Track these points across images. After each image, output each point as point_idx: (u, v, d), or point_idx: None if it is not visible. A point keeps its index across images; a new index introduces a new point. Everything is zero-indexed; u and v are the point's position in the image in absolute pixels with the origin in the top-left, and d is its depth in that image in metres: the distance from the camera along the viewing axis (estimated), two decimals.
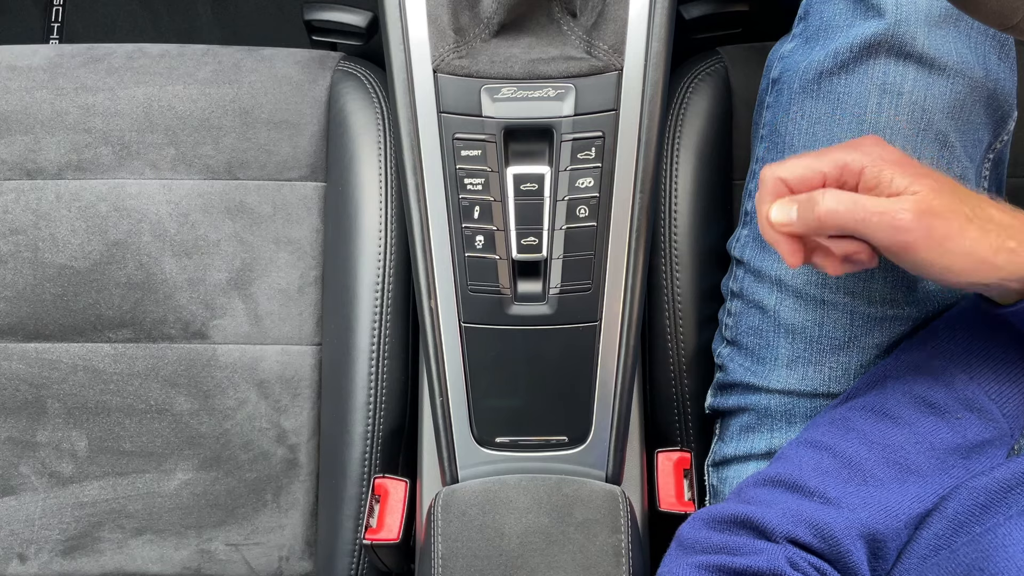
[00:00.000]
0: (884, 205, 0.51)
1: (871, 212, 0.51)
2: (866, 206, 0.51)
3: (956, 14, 0.63)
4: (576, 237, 0.64)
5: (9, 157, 0.83)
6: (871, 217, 0.51)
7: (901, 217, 0.50)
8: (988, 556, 0.49)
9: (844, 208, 0.51)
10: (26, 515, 0.83)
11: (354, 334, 0.78)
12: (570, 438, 0.69)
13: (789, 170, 0.55)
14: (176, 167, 0.84)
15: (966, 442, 0.58)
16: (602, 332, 0.66)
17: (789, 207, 0.54)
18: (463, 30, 0.63)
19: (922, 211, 0.50)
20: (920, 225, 0.50)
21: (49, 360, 0.83)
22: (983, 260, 0.51)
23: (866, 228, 0.51)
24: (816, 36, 0.68)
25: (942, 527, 0.54)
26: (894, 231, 0.50)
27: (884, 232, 0.51)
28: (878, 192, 0.52)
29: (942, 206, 0.51)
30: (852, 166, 0.53)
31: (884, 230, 0.51)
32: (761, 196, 0.56)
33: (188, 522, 0.82)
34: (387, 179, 0.80)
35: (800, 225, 0.54)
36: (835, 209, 0.52)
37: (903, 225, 0.50)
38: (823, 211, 0.52)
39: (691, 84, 0.82)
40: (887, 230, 0.51)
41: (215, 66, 0.86)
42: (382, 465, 0.78)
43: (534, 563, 0.63)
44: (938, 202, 0.51)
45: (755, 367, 0.70)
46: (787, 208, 0.54)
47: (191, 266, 0.83)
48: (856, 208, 0.51)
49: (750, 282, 0.71)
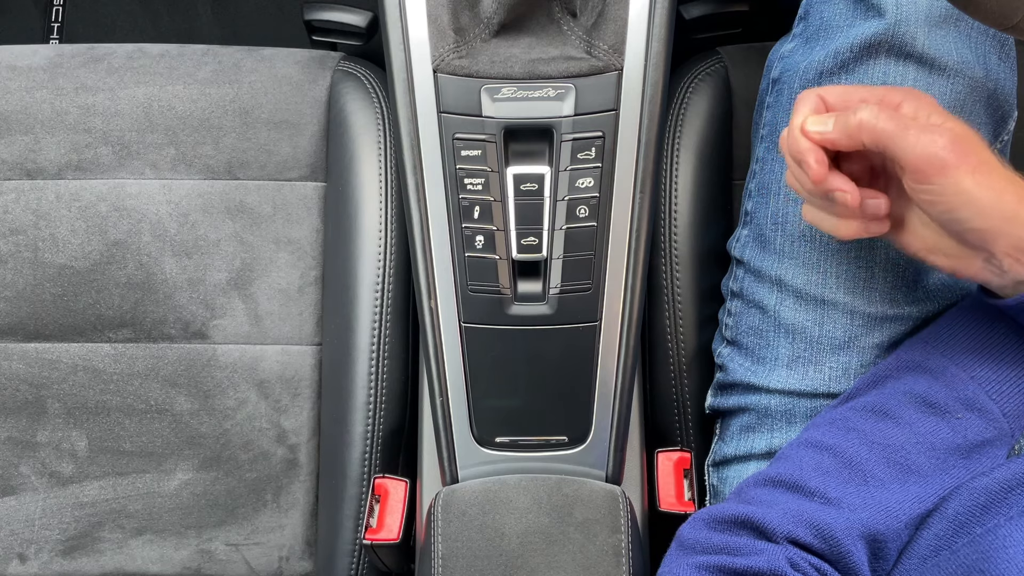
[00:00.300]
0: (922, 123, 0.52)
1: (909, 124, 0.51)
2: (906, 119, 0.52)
3: (956, 14, 0.63)
4: (576, 237, 0.64)
5: (9, 157, 0.83)
6: (909, 128, 0.51)
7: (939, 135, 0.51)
8: (988, 557, 0.49)
9: (885, 115, 0.52)
10: (26, 515, 0.83)
11: (354, 334, 0.78)
12: (570, 438, 0.69)
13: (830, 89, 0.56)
14: (176, 167, 0.84)
15: (966, 442, 0.58)
16: (602, 332, 0.66)
17: (826, 118, 0.55)
18: (463, 30, 0.63)
19: (959, 137, 0.51)
20: (955, 147, 0.50)
21: (49, 360, 0.83)
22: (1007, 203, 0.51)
23: (903, 140, 0.51)
24: (816, 36, 0.68)
25: (942, 528, 0.54)
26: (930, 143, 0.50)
27: (919, 146, 0.51)
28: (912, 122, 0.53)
29: (977, 143, 0.51)
30: (891, 97, 0.54)
31: (920, 144, 0.51)
32: (797, 110, 0.56)
33: (188, 522, 0.82)
34: (387, 179, 0.80)
35: (836, 131, 0.54)
36: (876, 115, 0.52)
37: (940, 141, 0.50)
38: (865, 115, 0.52)
39: (691, 84, 0.82)
40: (923, 143, 0.51)
41: (215, 66, 0.86)
42: (382, 465, 0.78)
43: (534, 563, 0.63)
44: (974, 139, 0.51)
45: (755, 367, 0.70)
46: (823, 118, 0.55)
47: (191, 266, 0.83)
48: (896, 119, 0.52)
49: (750, 282, 0.71)
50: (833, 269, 0.66)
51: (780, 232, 0.69)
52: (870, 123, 0.52)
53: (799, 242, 0.68)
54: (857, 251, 0.66)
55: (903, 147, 0.51)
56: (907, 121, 0.52)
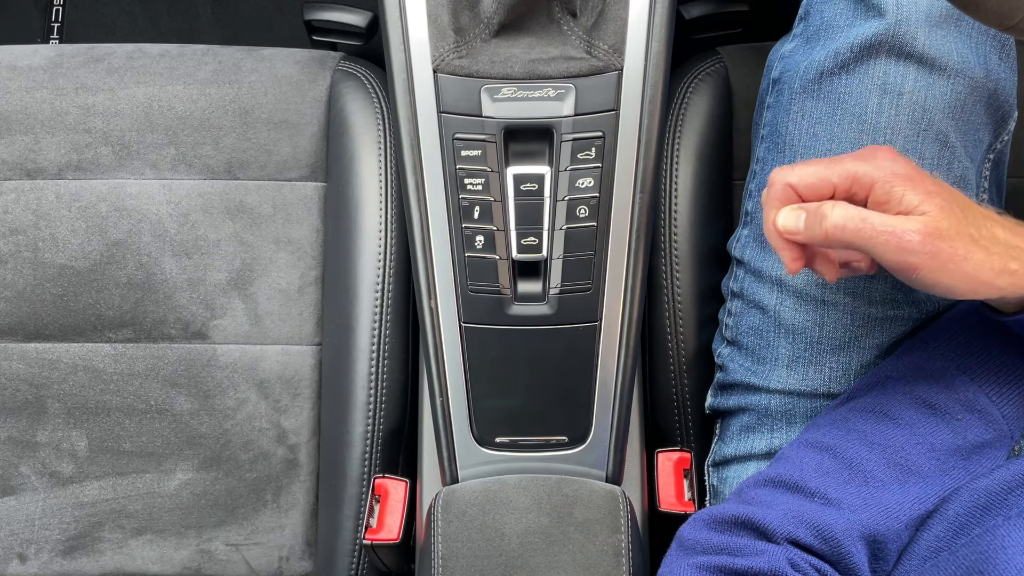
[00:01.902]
0: (892, 224, 0.51)
1: (879, 231, 0.51)
2: (874, 224, 0.51)
3: (957, 14, 0.63)
4: (576, 237, 0.64)
5: (9, 157, 0.83)
6: (878, 236, 0.51)
7: (909, 239, 0.50)
8: (987, 558, 0.49)
9: (852, 225, 0.51)
10: (26, 515, 0.82)
11: (354, 334, 0.78)
12: (570, 438, 0.69)
13: (799, 176, 0.54)
14: (176, 167, 0.84)
15: (966, 443, 0.58)
16: (602, 332, 0.66)
17: (797, 215, 0.54)
18: (463, 30, 0.63)
19: (929, 233, 0.50)
20: (926, 248, 0.50)
21: (49, 360, 0.83)
22: (985, 282, 0.51)
23: (873, 247, 0.51)
24: (817, 36, 0.68)
25: (942, 529, 0.54)
26: (900, 252, 0.50)
27: (891, 252, 0.51)
28: (888, 208, 0.52)
29: (950, 228, 0.50)
30: (863, 179, 0.52)
31: (891, 251, 0.51)
32: (768, 199, 0.56)
33: (188, 522, 0.82)
34: (387, 179, 0.80)
35: (806, 235, 0.53)
36: (843, 225, 0.51)
37: (910, 247, 0.50)
38: (831, 226, 0.52)
39: (691, 84, 0.81)
40: (894, 251, 0.51)
41: (215, 66, 0.86)
42: (382, 465, 0.78)
43: (534, 563, 0.63)
44: (946, 224, 0.50)
45: (755, 367, 0.70)
46: (795, 216, 0.54)
47: (191, 266, 0.83)
48: (864, 227, 0.51)
49: (750, 282, 0.71)
50: None
51: None
52: (838, 233, 0.52)
53: None
54: None
55: (874, 253, 0.51)
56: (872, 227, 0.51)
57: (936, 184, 0.53)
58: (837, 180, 0.53)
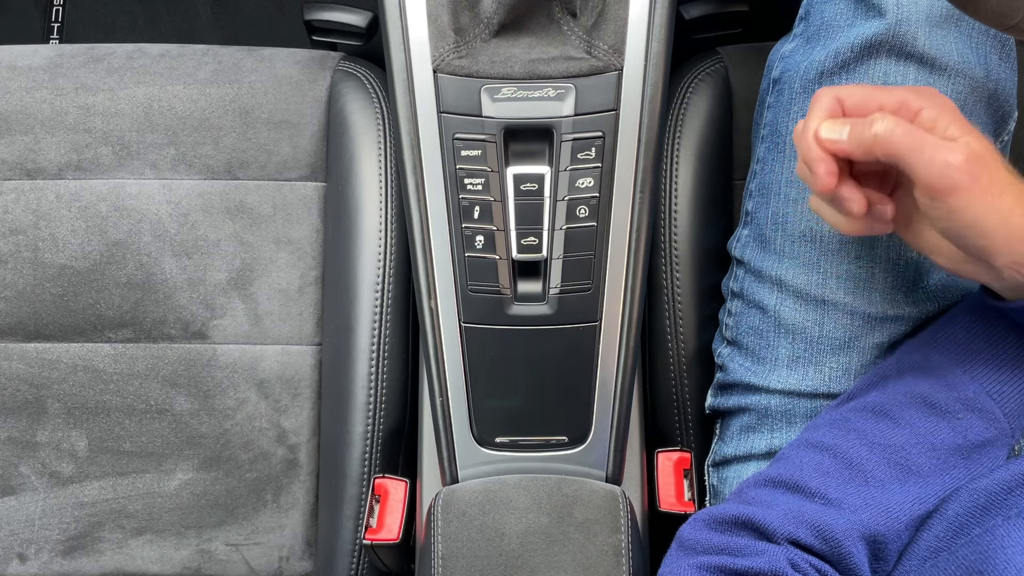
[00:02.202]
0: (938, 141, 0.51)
1: (926, 141, 0.51)
2: (923, 136, 0.51)
3: (957, 14, 0.63)
4: (576, 237, 0.64)
5: (9, 157, 0.83)
6: (925, 147, 0.51)
7: (954, 156, 0.50)
8: (987, 557, 0.49)
9: (901, 131, 0.51)
10: (26, 515, 0.82)
11: (354, 334, 0.78)
12: (570, 438, 0.69)
13: (849, 91, 0.54)
14: (176, 167, 0.84)
15: (967, 442, 0.58)
16: (602, 332, 0.66)
17: (842, 125, 0.54)
18: (463, 30, 0.63)
19: (973, 157, 0.50)
20: (969, 169, 0.50)
21: (49, 360, 0.83)
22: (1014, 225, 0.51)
23: (918, 157, 0.51)
24: (817, 36, 0.68)
25: (942, 529, 0.54)
26: (944, 165, 0.50)
27: (934, 165, 0.51)
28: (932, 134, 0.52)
29: (992, 161, 0.51)
30: (912, 104, 0.53)
31: (935, 163, 0.50)
32: (812, 111, 0.55)
33: (188, 522, 0.82)
34: (387, 179, 0.80)
35: (851, 143, 0.53)
36: (891, 130, 0.51)
37: (955, 162, 0.50)
38: (881, 129, 0.51)
39: (691, 84, 0.81)
40: (938, 163, 0.50)
41: (215, 66, 0.86)
42: (382, 465, 0.78)
43: (534, 563, 0.63)
44: (989, 156, 0.51)
45: (755, 367, 0.70)
46: (839, 126, 0.54)
47: (191, 266, 0.83)
48: (913, 136, 0.51)
49: (750, 282, 0.71)
50: (833, 269, 0.66)
51: (780, 232, 0.69)
52: (885, 138, 0.51)
53: (799, 242, 0.68)
54: (857, 251, 0.66)
55: (917, 164, 0.51)
56: (923, 137, 0.51)
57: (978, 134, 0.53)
58: (885, 100, 0.53)
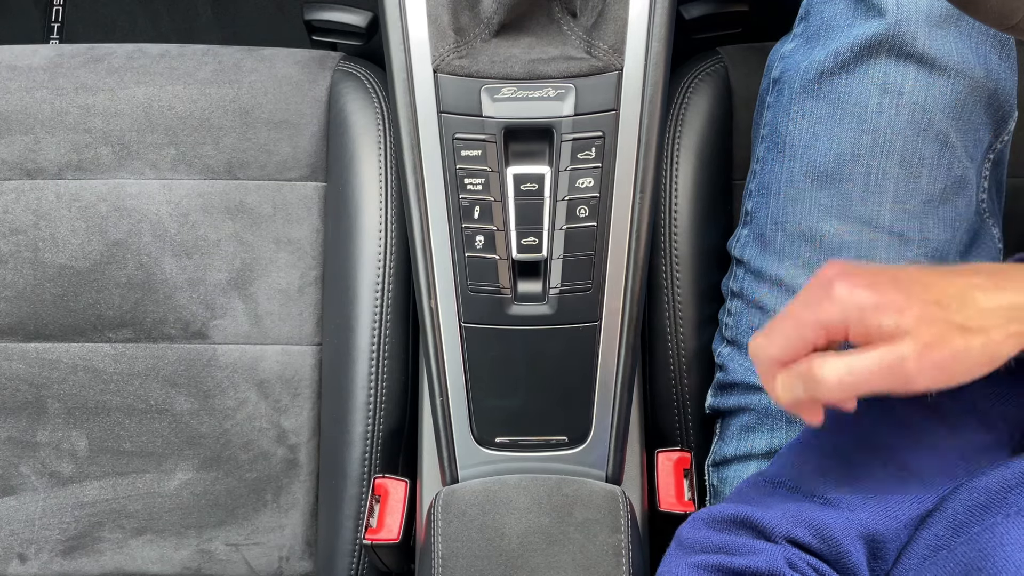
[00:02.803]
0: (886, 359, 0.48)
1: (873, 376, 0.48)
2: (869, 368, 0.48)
3: (957, 14, 0.63)
4: (576, 237, 0.64)
5: (9, 157, 0.83)
6: (874, 381, 0.48)
7: (908, 368, 0.47)
8: (986, 556, 0.49)
9: (849, 380, 0.49)
10: (26, 515, 0.83)
11: (354, 334, 0.78)
12: (570, 438, 0.69)
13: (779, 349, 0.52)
14: (176, 167, 0.84)
15: (967, 444, 0.58)
16: (602, 332, 0.66)
17: (794, 383, 0.51)
18: (463, 30, 0.63)
19: (920, 354, 0.47)
20: (925, 368, 0.47)
21: (49, 360, 0.83)
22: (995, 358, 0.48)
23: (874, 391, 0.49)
24: (817, 36, 0.68)
25: (941, 527, 0.54)
26: (905, 384, 0.48)
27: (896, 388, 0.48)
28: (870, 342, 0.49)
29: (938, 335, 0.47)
30: (835, 327, 0.50)
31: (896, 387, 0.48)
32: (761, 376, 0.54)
33: (188, 522, 0.82)
34: (387, 179, 0.80)
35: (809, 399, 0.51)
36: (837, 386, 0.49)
37: (911, 373, 0.47)
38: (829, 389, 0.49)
39: (691, 84, 0.81)
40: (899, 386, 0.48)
41: (215, 66, 0.86)
42: (382, 465, 0.78)
43: (534, 563, 0.63)
44: (932, 332, 0.47)
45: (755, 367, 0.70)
46: (792, 385, 0.51)
47: (191, 266, 0.83)
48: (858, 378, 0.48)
49: (750, 282, 0.71)
50: None
51: (780, 232, 0.69)
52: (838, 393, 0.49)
53: (799, 242, 0.68)
54: (857, 251, 0.66)
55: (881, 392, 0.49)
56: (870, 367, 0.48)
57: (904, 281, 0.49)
58: (813, 337, 0.50)
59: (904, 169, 0.65)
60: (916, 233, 0.65)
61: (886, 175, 0.65)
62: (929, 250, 0.66)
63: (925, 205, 0.65)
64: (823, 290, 0.50)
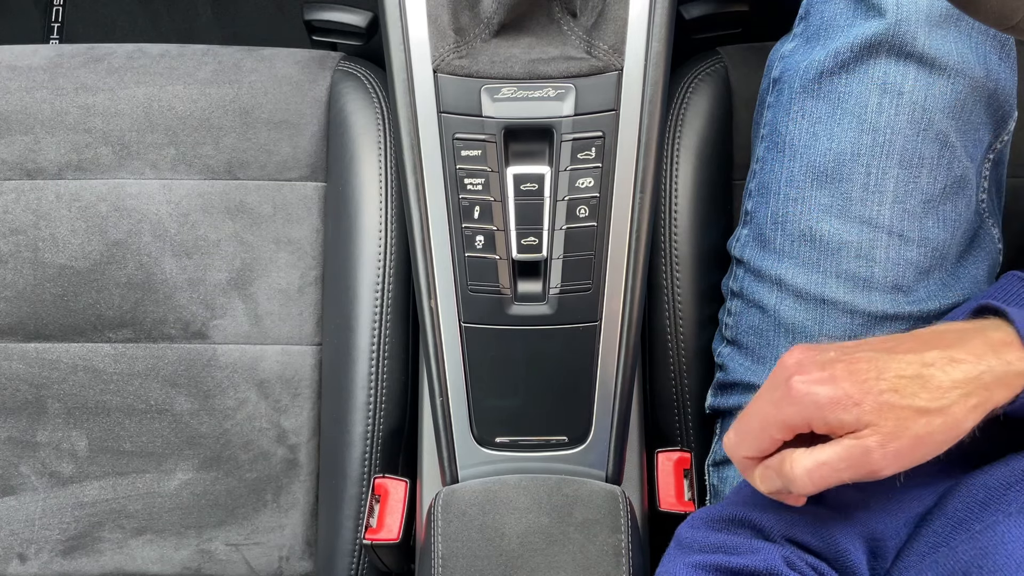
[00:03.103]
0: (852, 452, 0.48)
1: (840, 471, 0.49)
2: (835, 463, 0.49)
3: (957, 14, 0.63)
4: (576, 237, 0.64)
5: (9, 157, 0.83)
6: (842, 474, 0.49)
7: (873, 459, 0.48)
8: (987, 553, 0.49)
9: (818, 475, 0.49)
10: (26, 515, 0.83)
11: (354, 334, 0.78)
12: (570, 438, 0.69)
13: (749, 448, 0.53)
14: (176, 167, 0.84)
15: (966, 444, 0.58)
16: (602, 332, 0.66)
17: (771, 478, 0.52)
18: (463, 30, 0.63)
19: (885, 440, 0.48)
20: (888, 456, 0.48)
21: (49, 360, 0.83)
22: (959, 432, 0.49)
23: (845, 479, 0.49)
24: (817, 36, 0.68)
25: (941, 525, 0.54)
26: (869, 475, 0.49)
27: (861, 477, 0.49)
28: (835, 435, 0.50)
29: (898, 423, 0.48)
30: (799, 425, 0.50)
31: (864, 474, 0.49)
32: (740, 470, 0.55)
33: (188, 522, 0.82)
34: (387, 179, 0.80)
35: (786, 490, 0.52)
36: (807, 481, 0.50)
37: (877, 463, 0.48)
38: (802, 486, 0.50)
39: (691, 84, 0.82)
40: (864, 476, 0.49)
41: (215, 66, 0.86)
42: (382, 465, 0.78)
43: (534, 563, 0.63)
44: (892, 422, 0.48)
45: (755, 367, 0.70)
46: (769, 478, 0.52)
47: (191, 266, 0.83)
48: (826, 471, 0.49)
49: (750, 282, 0.71)
50: (833, 269, 0.66)
51: (780, 232, 0.69)
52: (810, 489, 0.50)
53: (799, 242, 0.68)
54: (857, 251, 0.66)
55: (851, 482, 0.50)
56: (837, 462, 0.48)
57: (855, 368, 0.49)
58: (780, 436, 0.51)
59: (904, 169, 0.65)
60: (916, 233, 0.65)
61: (886, 175, 0.65)
62: (929, 250, 0.66)
63: (925, 205, 0.65)
64: (784, 388, 0.50)
